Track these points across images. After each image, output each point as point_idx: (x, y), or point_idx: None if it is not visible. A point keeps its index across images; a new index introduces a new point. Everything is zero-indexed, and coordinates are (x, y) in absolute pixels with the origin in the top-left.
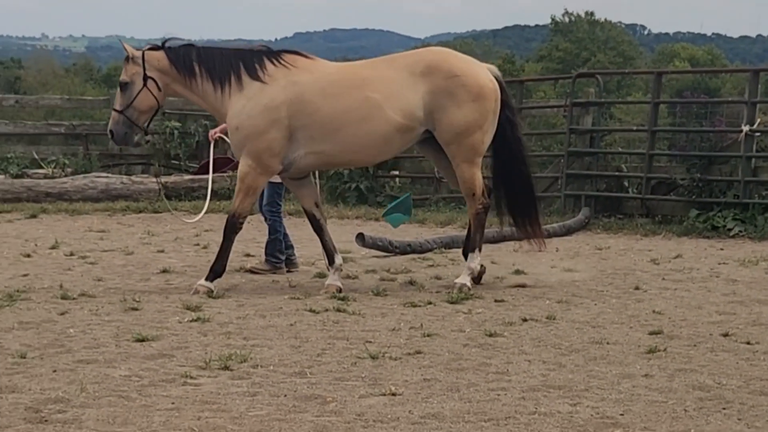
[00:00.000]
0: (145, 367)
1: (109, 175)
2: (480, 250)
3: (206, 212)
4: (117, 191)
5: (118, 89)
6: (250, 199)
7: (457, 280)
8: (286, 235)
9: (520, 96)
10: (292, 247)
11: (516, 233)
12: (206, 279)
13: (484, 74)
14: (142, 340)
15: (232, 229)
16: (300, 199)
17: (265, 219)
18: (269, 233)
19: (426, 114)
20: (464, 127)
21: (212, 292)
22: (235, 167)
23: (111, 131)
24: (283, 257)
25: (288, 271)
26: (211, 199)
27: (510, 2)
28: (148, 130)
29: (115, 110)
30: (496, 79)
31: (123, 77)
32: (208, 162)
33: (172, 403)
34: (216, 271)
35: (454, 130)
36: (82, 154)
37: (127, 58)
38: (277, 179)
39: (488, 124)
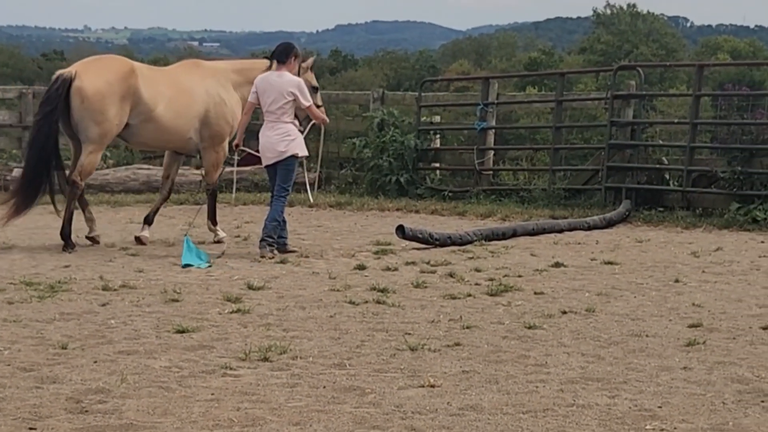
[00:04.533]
0: (185, 358)
1: (151, 167)
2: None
3: (247, 204)
4: (158, 183)
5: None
6: None
7: None
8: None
9: (561, 88)
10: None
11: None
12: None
13: None
14: (183, 332)
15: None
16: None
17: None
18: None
19: None
20: None
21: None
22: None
23: None
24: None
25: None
26: (252, 191)
27: None
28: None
29: None
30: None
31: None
32: (250, 154)
33: (212, 394)
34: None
35: None
36: (124, 146)
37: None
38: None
39: None
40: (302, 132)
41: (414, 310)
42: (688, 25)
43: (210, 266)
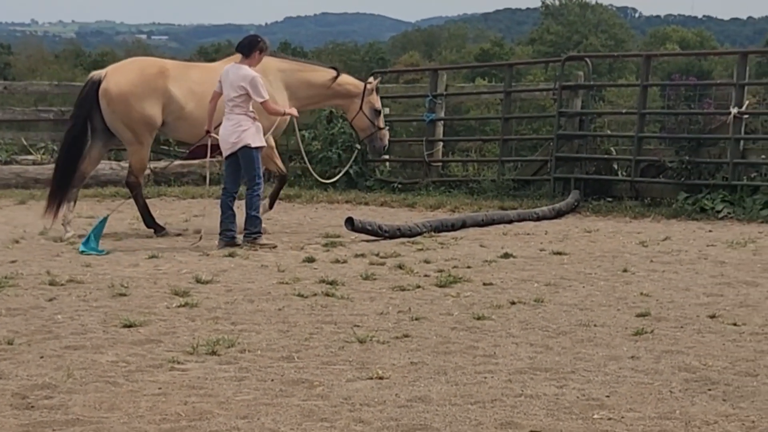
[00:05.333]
0: (133, 352)
1: None
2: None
3: (196, 197)
4: (106, 177)
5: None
6: None
7: None
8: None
9: (510, 79)
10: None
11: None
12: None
13: None
14: (130, 326)
15: None
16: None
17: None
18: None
19: None
20: None
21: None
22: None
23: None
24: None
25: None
26: (201, 185)
27: None
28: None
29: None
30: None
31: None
32: (198, 147)
33: (159, 389)
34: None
35: None
36: None
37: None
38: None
39: None
40: (359, 147)
41: (363, 302)
42: (637, 15)
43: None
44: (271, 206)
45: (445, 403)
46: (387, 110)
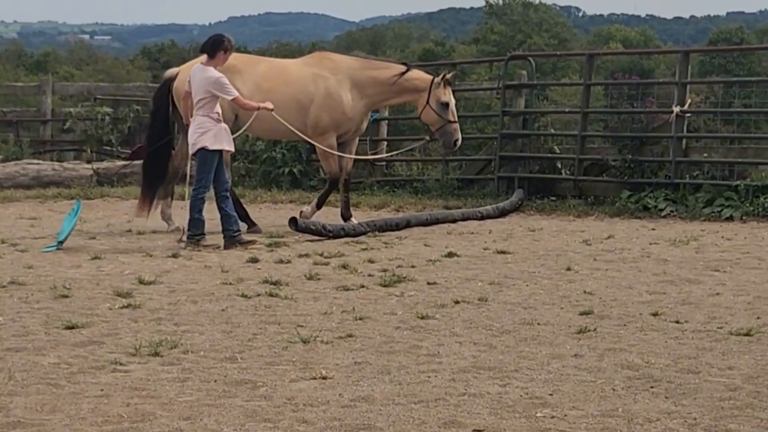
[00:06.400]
0: (75, 354)
1: (41, 162)
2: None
3: (136, 197)
4: (48, 178)
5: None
6: None
7: None
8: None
9: (454, 78)
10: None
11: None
12: None
13: None
14: (72, 328)
15: None
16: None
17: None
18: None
19: None
20: None
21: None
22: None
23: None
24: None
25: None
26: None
27: None
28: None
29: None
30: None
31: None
32: (141, 147)
33: (101, 390)
34: None
35: None
36: (13, 141)
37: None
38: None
39: None
40: (428, 139)
41: (307, 303)
42: (580, 14)
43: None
44: (318, 206)
45: (389, 403)
46: None
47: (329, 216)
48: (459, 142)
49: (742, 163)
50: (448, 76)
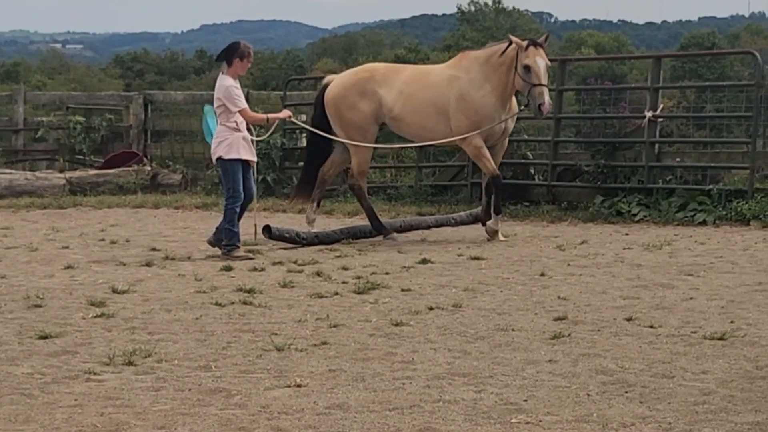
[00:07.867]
0: (48, 364)
1: (13, 171)
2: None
3: (112, 207)
4: (21, 187)
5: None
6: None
7: None
8: None
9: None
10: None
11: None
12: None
13: None
14: (45, 337)
15: None
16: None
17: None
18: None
19: None
20: None
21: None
22: (140, 161)
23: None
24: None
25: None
26: (117, 194)
27: None
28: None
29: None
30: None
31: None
32: (114, 156)
33: (75, 400)
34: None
35: None
36: None
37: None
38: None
39: None
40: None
41: (281, 310)
42: (553, 20)
43: None
44: (497, 212)
45: (364, 410)
46: (303, 117)
47: (302, 224)
48: (544, 107)
49: (714, 168)
50: (541, 39)
